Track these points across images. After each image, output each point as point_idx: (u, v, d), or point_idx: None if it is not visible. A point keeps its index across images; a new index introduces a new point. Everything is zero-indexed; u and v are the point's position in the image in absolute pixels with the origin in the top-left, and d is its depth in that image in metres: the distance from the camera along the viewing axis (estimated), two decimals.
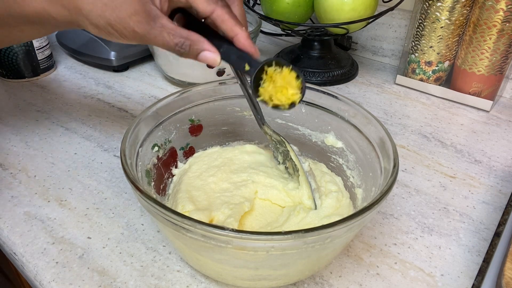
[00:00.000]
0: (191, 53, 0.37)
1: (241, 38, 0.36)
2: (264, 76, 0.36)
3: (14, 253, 0.41)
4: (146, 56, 0.79)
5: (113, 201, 0.47)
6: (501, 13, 0.60)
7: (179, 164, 0.48)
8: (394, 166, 0.35)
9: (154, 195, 0.41)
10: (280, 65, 0.36)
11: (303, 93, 0.37)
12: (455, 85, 0.69)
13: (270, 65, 0.35)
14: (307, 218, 0.40)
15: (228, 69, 0.69)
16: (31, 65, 0.72)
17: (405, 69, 0.74)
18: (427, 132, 0.62)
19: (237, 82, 0.43)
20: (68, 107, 0.65)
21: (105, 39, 0.39)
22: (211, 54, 0.37)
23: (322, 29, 0.76)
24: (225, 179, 0.46)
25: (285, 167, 0.48)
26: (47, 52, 0.74)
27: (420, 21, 0.68)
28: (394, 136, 0.60)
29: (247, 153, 0.50)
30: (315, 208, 0.42)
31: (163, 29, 0.36)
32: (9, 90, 0.69)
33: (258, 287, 0.37)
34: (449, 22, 0.65)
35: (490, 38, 0.62)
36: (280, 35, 0.85)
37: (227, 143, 0.52)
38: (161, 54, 0.69)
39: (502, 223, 0.43)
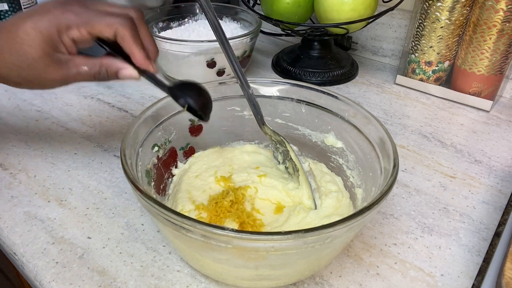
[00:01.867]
0: (111, 76, 0.41)
1: (137, 56, 0.40)
2: None
3: (14, 253, 0.41)
4: None
5: (113, 201, 0.47)
6: (501, 13, 0.60)
7: (179, 164, 0.48)
8: (394, 166, 0.35)
9: (154, 195, 0.41)
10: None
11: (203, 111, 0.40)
12: (455, 85, 0.69)
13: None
14: (307, 218, 0.41)
15: (228, 69, 0.69)
16: None
17: (405, 69, 0.74)
18: (427, 132, 0.62)
19: (237, 82, 0.43)
20: (68, 107, 0.65)
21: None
22: (127, 70, 0.41)
23: (322, 29, 0.76)
24: (225, 179, 0.46)
25: (285, 167, 0.48)
26: None
27: (420, 21, 0.68)
28: (394, 136, 0.60)
29: (247, 153, 0.50)
30: (315, 208, 0.42)
31: (78, 67, 0.40)
32: (9, 90, 0.69)
33: (258, 287, 0.37)
34: (449, 22, 0.65)
35: (490, 38, 0.62)
36: (280, 35, 0.85)
37: (227, 143, 0.52)
38: (161, 54, 0.68)
39: (502, 223, 0.43)
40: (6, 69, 0.40)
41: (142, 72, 0.41)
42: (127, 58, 0.40)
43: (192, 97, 0.39)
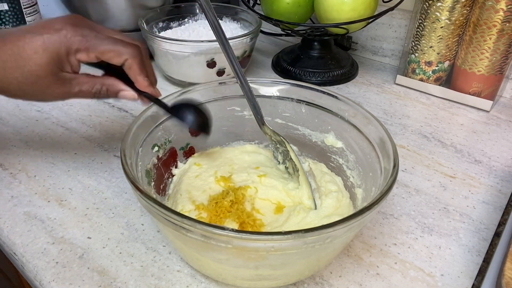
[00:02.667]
0: (111, 95, 0.43)
1: (141, 83, 0.43)
2: None
3: (14, 253, 0.41)
4: None
5: (113, 201, 0.47)
6: (501, 13, 0.60)
7: (179, 164, 0.48)
8: (394, 166, 0.35)
9: (154, 195, 0.41)
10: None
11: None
12: (455, 85, 0.69)
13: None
14: (307, 218, 0.41)
15: (228, 69, 0.69)
16: None
17: (405, 69, 0.74)
18: (427, 132, 0.62)
19: (237, 82, 0.43)
20: (68, 107, 0.65)
21: None
22: (128, 92, 0.43)
23: (322, 29, 0.76)
24: (225, 179, 0.46)
25: (285, 167, 0.48)
26: None
27: (420, 21, 0.68)
28: (394, 136, 0.60)
29: (247, 153, 0.50)
30: (315, 208, 0.42)
31: (80, 85, 0.41)
32: None
33: (258, 287, 0.37)
34: (449, 22, 0.65)
35: (490, 38, 0.62)
36: (280, 35, 0.85)
37: (227, 143, 0.52)
38: (161, 54, 0.69)
39: (502, 223, 0.43)
40: (7, 83, 0.39)
41: (142, 93, 0.43)
42: (122, 79, 0.43)
43: (193, 119, 0.43)
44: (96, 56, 0.41)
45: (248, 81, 0.44)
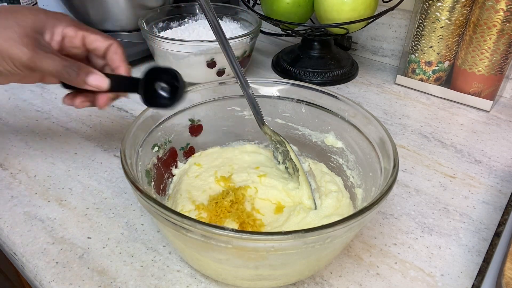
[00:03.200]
0: (80, 76, 0.40)
1: (123, 68, 0.44)
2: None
3: (14, 253, 0.41)
4: (146, 56, 0.79)
5: (113, 201, 0.47)
6: (501, 13, 0.60)
7: (179, 164, 0.48)
8: (394, 166, 0.35)
9: (154, 195, 0.41)
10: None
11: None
12: (455, 85, 0.69)
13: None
14: (307, 218, 0.41)
15: (228, 69, 0.69)
16: None
17: (405, 69, 0.74)
18: (427, 132, 0.62)
19: (237, 82, 0.43)
20: (68, 107, 0.65)
21: None
22: (99, 76, 0.41)
23: (322, 29, 0.76)
24: (225, 179, 0.46)
25: (285, 167, 0.48)
26: None
27: (420, 21, 0.68)
28: (394, 136, 0.60)
29: (247, 153, 0.50)
30: (315, 208, 0.42)
31: (51, 55, 0.40)
32: (9, 90, 0.69)
33: (258, 287, 0.37)
34: (449, 22, 0.65)
35: (490, 38, 0.62)
36: (280, 35, 0.85)
37: (227, 143, 0.52)
38: (161, 54, 0.69)
39: (502, 223, 0.43)
40: None
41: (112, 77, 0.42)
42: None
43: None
44: (83, 36, 0.42)
45: (248, 81, 0.44)
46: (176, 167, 0.48)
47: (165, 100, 0.42)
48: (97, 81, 0.41)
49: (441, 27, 0.66)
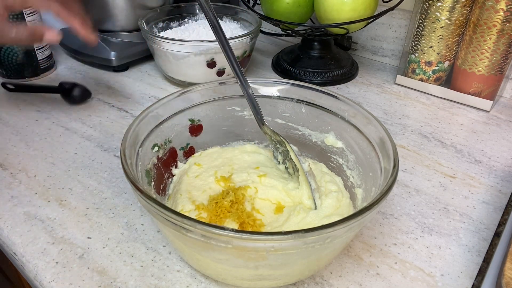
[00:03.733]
0: (36, 33, 0.46)
1: (76, 25, 0.47)
2: None
3: (14, 253, 0.41)
4: (146, 56, 0.79)
5: (113, 201, 0.47)
6: (501, 13, 0.60)
7: (179, 164, 0.48)
8: (394, 166, 0.35)
9: (154, 195, 0.41)
10: None
11: None
12: (455, 85, 0.69)
13: None
14: (307, 218, 0.40)
15: (228, 69, 0.69)
16: (31, 65, 0.72)
17: (405, 69, 0.74)
18: (427, 132, 0.62)
19: (237, 82, 0.43)
20: (68, 107, 0.65)
21: None
22: (52, 32, 0.47)
23: (322, 29, 0.76)
24: (225, 179, 0.46)
25: (285, 167, 0.48)
26: (47, 52, 0.74)
27: (420, 21, 0.68)
28: (394, 136, 0.60)
29: (247, 153, 0.50)
30: (315, 208, 0.42)
31: (5, 24, 0.45)
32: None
33: (258, 287, 0.37)
34: (449, 22, 0.65)
35: (490, 38, 0.62)
36: (280, 35, 0.85)
37: (227, 143, 0.52)
38: (161, 54, 0.69)
39: (502, 223, 0.43)
40: None
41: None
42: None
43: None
44: (23, 1, 0.45)
45: (248, 81, 0.44)
46: (176, 167, 0.48)
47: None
48: (52, 35, 0.48)
49: (441, 27, 0.66)
